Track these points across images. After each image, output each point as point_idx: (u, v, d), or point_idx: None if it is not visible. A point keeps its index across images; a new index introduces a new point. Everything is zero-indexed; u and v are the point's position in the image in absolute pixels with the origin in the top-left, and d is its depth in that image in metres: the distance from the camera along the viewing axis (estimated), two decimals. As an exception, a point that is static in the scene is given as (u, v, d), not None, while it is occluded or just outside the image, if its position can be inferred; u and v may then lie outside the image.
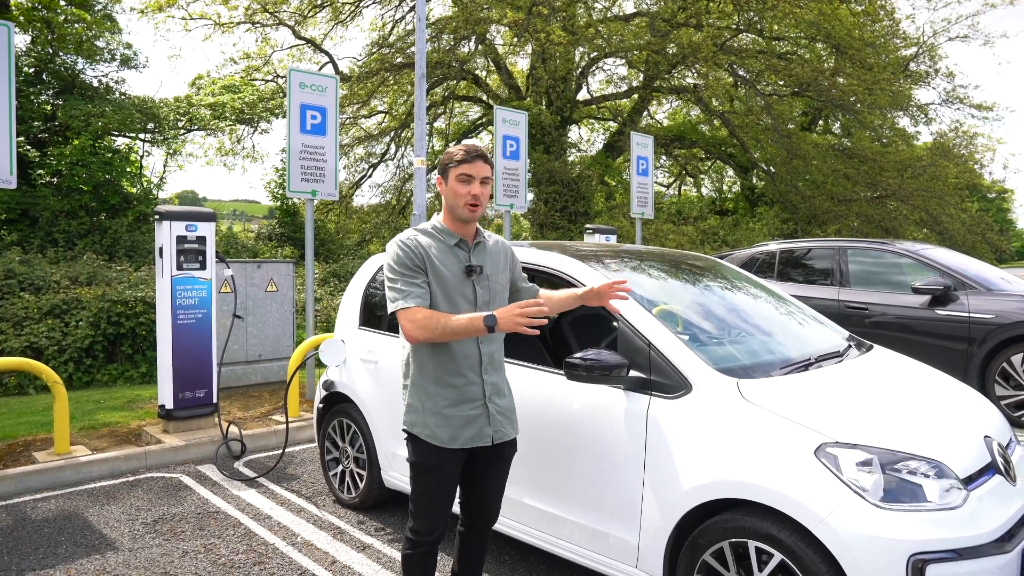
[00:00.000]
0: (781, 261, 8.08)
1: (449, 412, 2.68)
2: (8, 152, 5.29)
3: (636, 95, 21.18)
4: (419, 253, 2.66)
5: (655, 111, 25.66)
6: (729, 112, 19.34)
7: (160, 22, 19.41)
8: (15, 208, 12.78)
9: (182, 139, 17.63)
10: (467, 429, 2.70)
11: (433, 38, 19.59)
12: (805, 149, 17.36)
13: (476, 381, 2.72)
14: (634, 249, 4.22)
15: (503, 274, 2.85)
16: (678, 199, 28.75)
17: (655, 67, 18.53)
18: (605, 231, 9.39)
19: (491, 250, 2.84)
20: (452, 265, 2.70)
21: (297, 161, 6.93)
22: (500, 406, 2.78)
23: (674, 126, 22.87)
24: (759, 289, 4.11)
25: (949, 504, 2.48)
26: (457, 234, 2.74)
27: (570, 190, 18.99)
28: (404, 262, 2.65)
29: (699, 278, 3.94)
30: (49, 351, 8.97)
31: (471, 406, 2.71)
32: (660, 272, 3.82)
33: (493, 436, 2.74)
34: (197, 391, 5.96)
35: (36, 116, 13.46)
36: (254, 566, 3.76)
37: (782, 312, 3.88)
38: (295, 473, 5.30)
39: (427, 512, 2.74)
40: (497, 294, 2.80)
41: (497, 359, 2.81)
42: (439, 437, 2.68)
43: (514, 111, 8.98)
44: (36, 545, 4.03)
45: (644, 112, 21.59)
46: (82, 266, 10.71)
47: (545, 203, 20.41)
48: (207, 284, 5.97)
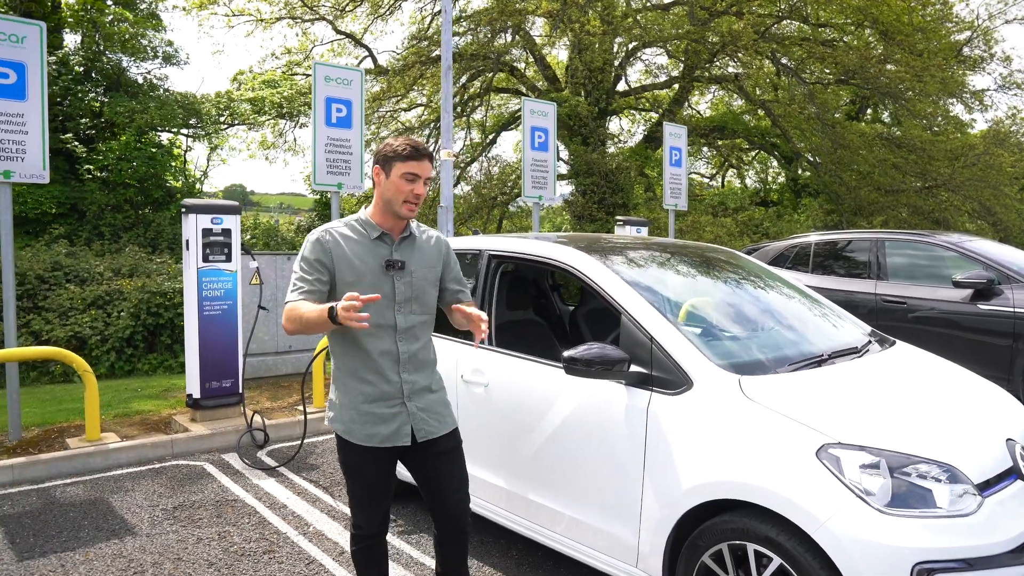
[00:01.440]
0: (817, 253, 7.85)
1: (364, 408, 2.61)
2: (41, 148, 5.44)
3: (676, 85, 20.82)
4: (328, 249, 2.59)
5: (697, 101, 25.22)
6: (772, 101, 18.88)
7: (204, 19, 19.78)
8: (64, 203, 13.19)
9: (224, 134, 17.96)
10: (383, 427, 2.61)
11: (470, 31, 19.59)
12: (850, 139, 16.82)
13: (394, 380, 2.63)
14: (646, 241, 4.12)
15: (431, 271, 2.74)
16: (721, 190, 28.22)
17: (695, 56, 18.18)
18: (636, 223, 9.25)
19: (420, 245, 2.74)
20: (369, 260, 2.61)
21: (323, 154, 6.98)
22: (423, 404, 2.68)
23: (716, 116, 22.42)
24: (776, 282, 3.98)
25: (961, 511, 2.36)
26: (381, 227, 2.65)
27: (608, 182, 18.79)
28: (308, 258, 2.60)
29: (711, 271, 3.83)
30: (92, 341, 9.25)
31: (387, 404, 2.62)
32: (670, 265, 3.72)
33: (415, 434, 2.65)
34: (223, 381, 6.06)
35: (84, 113, 13.85)
36: (264, 554, 3.81)
37: (799, 306, 3.75)
38: (316, 463, 5.35)
39: (361, 508, 2.70)
40: (420, 291, 2.70)
41: (421, 358, 2.71)
42: (354, 434, 2.62)
43: (543, 102, 8.90)
44: (60, 528, 4.15)
45: (684, 102, 21.21)
46: (125, 258, 11.01)
47: (583, 195, 20.27)
48: (232, 276, 6.06)
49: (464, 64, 19.31)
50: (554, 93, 19.41)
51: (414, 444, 2.66)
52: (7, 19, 5.39)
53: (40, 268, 9.81)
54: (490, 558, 3.76)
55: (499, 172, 22.53)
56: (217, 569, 3.64)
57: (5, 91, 5.29)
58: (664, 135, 10.10)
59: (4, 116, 5.28)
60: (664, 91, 22.05)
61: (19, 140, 5.33)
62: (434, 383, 2.76)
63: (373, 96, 20.93)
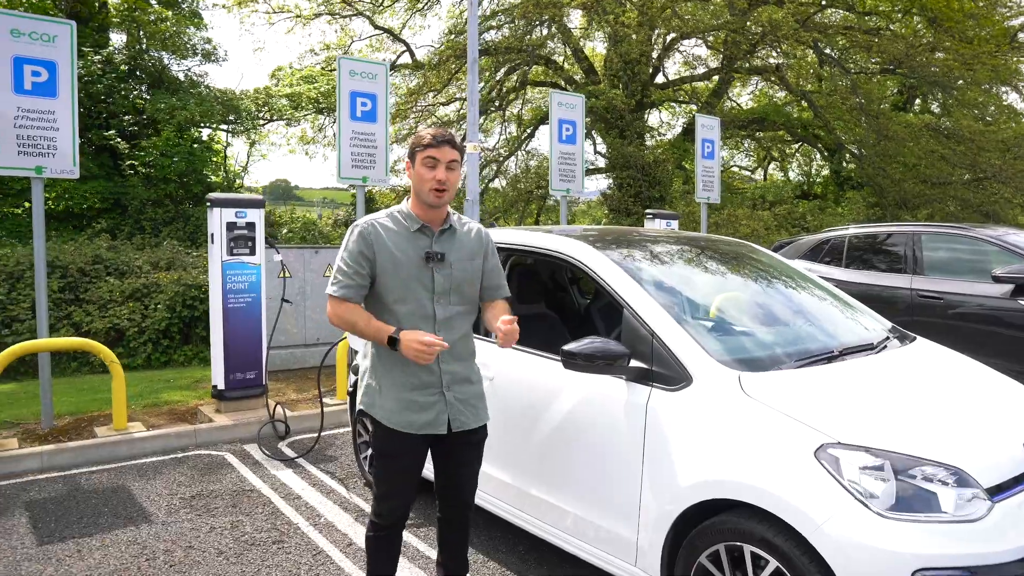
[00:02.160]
0: (850, 247, 7.63)
1: (404, 396, 2.66)
2: (71, 144, 5.57)
3: (715, 77, 20.46)
4: (370, 241, 2.63)
5: (738, 93, 24.77)
6: (814, 92, 18.41)
7: (245, 16, 20.14)
8: (108, 198, 13.55)
9: (263, 129, 18.23)
10: (422, 415, 2.65)
11: (506, 24, 19.54)
12: (894, 129, 16.30)
13: (433, 369, 2.66)
14: (657, 234, 4.04)
15: (471, 263, 2.75)
16: (763, 184, 27.69)
17: (734, 47, 17.82)
18: (667, 216, 9.11)
19: (461, 238, 2.75)
20: (410, 251, 2.64)
21: (348, 148, 7.02)
22: (461, 395, 2.72)
23: (757, 108, 21.97)
24: (793, 277, 3.86)
25: (967, 516, 2.25)
26: (421, 219, 2.69)
27: (645, 175, 18.57)
28: (351, 249, 2.65)
29: (724, 265, 3.73)
30: (130, 332, 9.49)
31: (427, 392, 2.66)
32: (680, 259, 3.63)
33: (451, 424, 2.69)
34: (248, 373, 6.15)
35: (128, 110, 14.19)
36: (273, 544, 3.85)
37: (815, 301, 3.63)
38: (334, 455, 5.40)
39: (387, 496, 2.73)
40: (461, 283, 2.71)
41: (460, 349, 2.73)
42: (392, 420, 2.66)
43: (570, 94, 8.82)
44: (81, 514, 4.26)
45: (724, 94, 20.82)
46: (163, 252, 11.27)
47: (619, 188, 20.07)
48: (256, 269, 6.14)
49: (499, 58, 19.28)
50: (591, 86, 19.26)
51: (448, 434, 2.71)
52: (39, 19, 5.54)
53: (82, 261, 10.08)
54: (496, 553, 3.74)
55: (536, 165, 22.47)
56: (226, 557, 3.69)
57: (37, 89, 5.43)
58: (696, 127, 9.92)
59: (36, 113, 5.42)
60: (703, 83, 21.70)
61: (50, 136, 5.47)
62: (473, 375, 2.80)
63: (411, 91, 21.07)
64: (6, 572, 3.56)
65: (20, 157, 5.38)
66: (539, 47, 19.25)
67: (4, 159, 5.34)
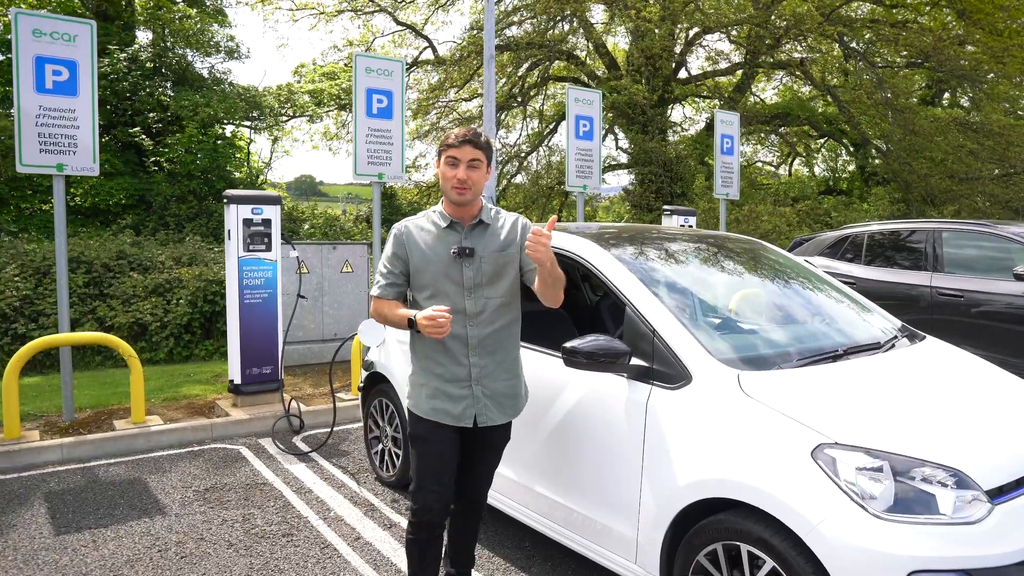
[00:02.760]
0: (869, 244, 7.52)
1: (436, 386, 2.75)
2: (91, 142, 5.68)
3: (740, 71, 20.25)
4: (402, 242, 2.78)
5: (763, 88, 24.47)
6: (838, 87, 18.15)
7: (268, 14, 20.33)
8: (133, 194, 13.78)
9: (286, 126, 18.39)
10: (451, 406, 2.74)
11: (528, 19, 19.51)
12: (920, 124, 16.02)
13: (463, 362, 2.74)
14: (662, 231, 4.01)
15: (503, 253, 2.76)
16: (788, 179, 27.36)
17: (758, 42, 17.63)
18: (684, 212, 9.05)
19: (493, 231, 2.78)
20: (438, 247, 2.74)
21: (364, 145, 7.07)
22: (490, 390, 2.77)
23: (781, 103, 21.70)
24: (801, 274, 3.82)
25: (966, 518, 2.22)
26: (451, 216, 2.77)
27: (667, 171, 18.46)
28: (388, 253, 2.82)
29: (730, 262, 3.70)
30: (153, 327, 9.65)
31: (457, 385, 2.74)
32: (684, 256, 3.62)
33: (477, 418, 2.75)
34: (264, 368, 6.23)
35: (152, 107, 14.40)
36: (282, 537, 3.90)
37: (823, 299, 3.59)
38: (347, 450, 5.45)
39: (422, 487, 2.75)
40: (492, 276, 2.75)
41: (493, 342, 2.77)
42: (422, 408, 2.77)
43: (587, 90, 8.79)
44: (98, 505, 4.35)
45: (747, 89, 20.60)
46: (186, 247, 11.43)
47: (641, 184, 19.95)
48: (272, 265, 6.21)
49: (520, 54, 19.26)
50: (613, 81, 19.16)
51: (473, 428, 2.78)
52: (60, 19, 5.64)
53: (106, 257, 10.27)
54: (502, 549, 3.76)
55: (558, 161, 22.41)
56: (236, 550, 3.75)
57: (59, 88, 5.54)
58: (715, 123, 9.84)
59: (57, 112, 5.53)
60: (726, 78, 21.49)
61: (71, 135, 5.58)
62: (506, 371, 2.82)
63: (432, 87, 21.13)
64: (24, 561, 3.65)
65: (42, 155, 5.49)
66: (560, 42, 19.18)
67: (27, 157, 5.45)
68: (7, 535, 3.95)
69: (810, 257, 7.95)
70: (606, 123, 23.86)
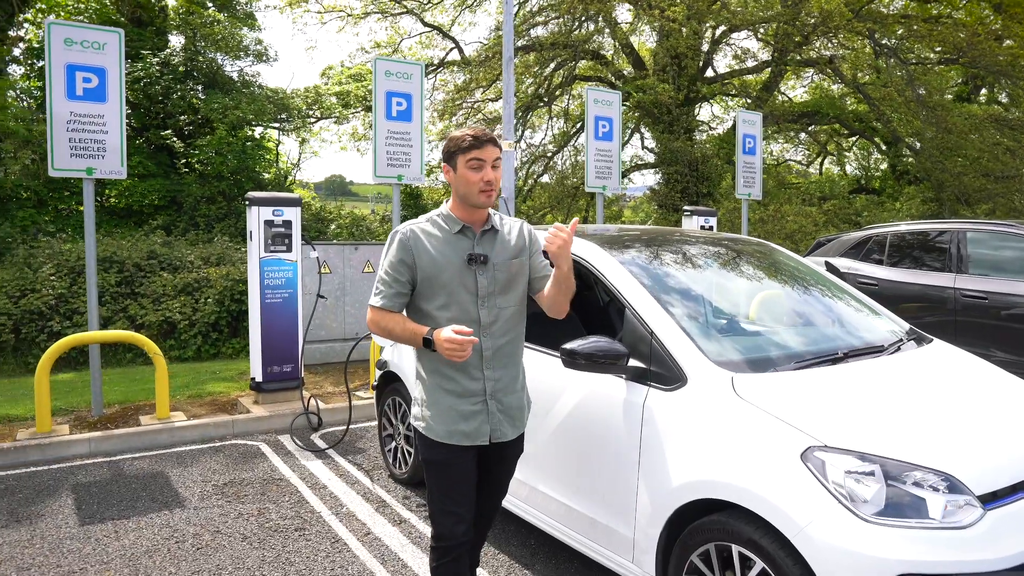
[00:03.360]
0: (892, 245, 7.43)
1: (447, 404, 2.58)
2: (119, 146, 5.85)
3: (768, 69, 20.05)
4: (409, 247, 2.55)
5: (793, 86, 24.19)
6: (868, 84, 17.87)
7: (297, 17, 20.61)
8: (165, 195, 14.11)
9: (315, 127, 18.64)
10: (464, 424, 2.57)
11: (553, 19, 19.53)
12: (953, 121, 15.71)
13: (477, 376, 2.58)
14: (673, 234, 4.03)
15: (515, 261, 2.64)
16: (818, 178, 27.00)
17: (786, 39, 17.43)
18: (704, 213, 9.02)
19: (503, 238, 2.64)
20: (450, 254, 2.55)
21: (383, 147, 7.18)
22: (504, 404, 2.63)
23: (810, 101, 21.42)
24: (807, 277, 3.82)
25: (956, 523, 2.22)
26: (462, 221, 2.59)
27: (692, 171, 18.36)
28: (392, 259, 2.58)
29: (736, 264, 3.71)
30: (182, 325, 9.89)
31: (470, 401, 2.58)
32: (691, 258, 3.64)
33: (491, 435, 2.60)
34: (284, 366, 6.37)
35: (184, 110, 14.73)
36: (295, 531, 4.00)
37: (829, 302, 3.59)
38: (363, 447, 5.56)
39: (443, 511, 2.60)
40: (505, 284, 2.61)
41: (506, 353, 2.63)
42: (435, 431, 2.58)
43: (606, 91, 8.80)
44: (121, 498, 4.50)
45: (775, 88, 20.38)
46: (214, 247, 11.67)
47: (666, 184, 19.86)
48: (293, 266, 6.34)
49: (544, 54, 19.28)
50: (639, 80, 19.10)
51: (488, 444, 2.63)
52: (89, 28, 5.83)
53: (138, 257, 10.55)
54: (508, 547, 3.82)
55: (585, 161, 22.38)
56: (249, 543, 3.86)
57: (88, 94, 5.73)
58: (737, 123, 9.78)
59: (87, 117, 5.71)
60: (755, 76, 21.28)
61: (100, 139, 5.76)
62: (518, 382, 2.71)
63: (458, 87, 21.25)
64: (51, 549, 3.80)
65: (72, 159, 5.68)
66: (585, 42, 19.17)
67: (58, 161, 5.65)
68: (35, 524, 4.11)
69: (832, 258, 7.88)
70: (632, 122, 23.82)
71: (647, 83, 18.20)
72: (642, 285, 3.09)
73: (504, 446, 2.69)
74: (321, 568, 3.59)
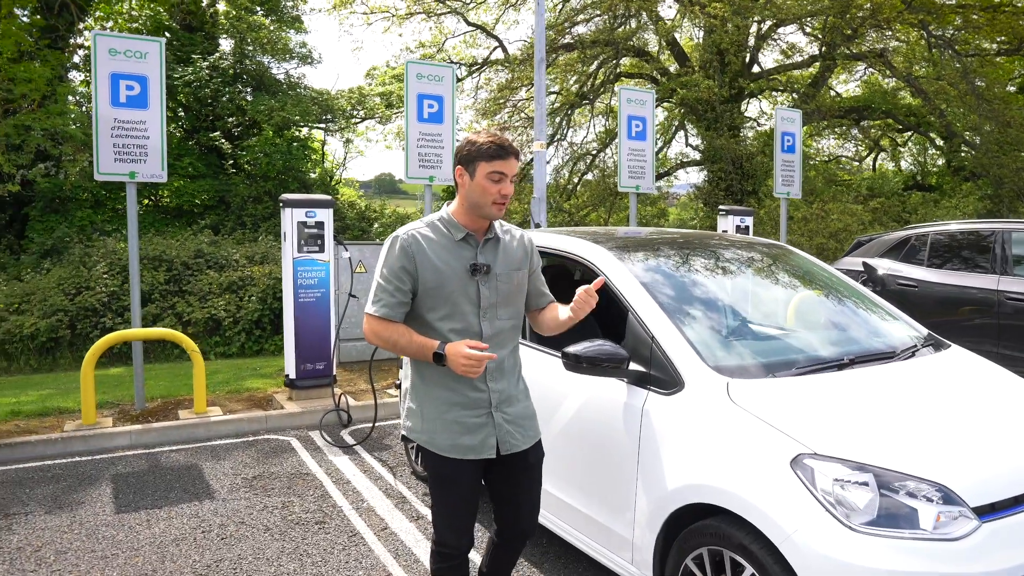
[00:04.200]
0: (933, 245, 7.22)
1: (450, 417, 2.49)
2: (160, 151, 6.09)
3: (816, 64, 19.60)
4: (411, 254, 2.44)
5: (844, 80, 23.59)
6: (920, 77, 17.31)
7: (344, 18, 20.99)
8: (214, 195, 14.57)
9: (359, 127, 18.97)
10: (468, 437, 2.49)
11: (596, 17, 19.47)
12: (1013, 115, 15.11)
13: (481, 388, 2.50)
14: (673, 235, 4.02)
15: (517, 273, 2.58)
16: (870, 175, 26.25)
17: (834, 33, 17.02)
18: (740, 212, 8.90)
19: (505, 247, 2.57)
20: (454, 263, 2.46)
21: (415, 149, 7.29)
22: (510, 415, 2.55)
23: (861, 96, 20.86)
24: (825, 282, 3.77)
25: (947, 534, 2.19)
26: (465, 228, 2.49)
27: (737, 168, 18.09)
28: (392, 266, 2.45)
29: (749, 268, 3.69)
30: (226, 322, 10.23)
31: (474, 413, 2.50)
32: (703, 262, 3.63)
33: (499, 447, 2.52)
34: (317, 363, 6.54)
35: (232, 112, 15.18)
36: (315, 524, 4.14)
37: (843, 307, 3.54)
38: (390, 444, 5.68)
39: (447, 524, 2.56)
40: (507, 296, 2.54)
41: (508, 364, 2.58)
42: (438, 445, 2.50)
43: (639, 90, 8.76)
44: (156, 488, 4.71)
45: (823, 83, 19.89)
46: (259, 246, 12.02)
47: (709, 182, 19.60)
48: (325, 266, 6.51)
49: (586, 52, 19.23)
50: (684, 76, 18.89)
51: (498, 457, 2.55)
52: (131, 38, 6.09)
53: (186, 255, 10.93)
54: (520, 545, 3.87)
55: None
56: (271, 534, 4.01)
57: (131, 101, 5.98)
58: (775, 120, 9.62)
59: (130, 123, 5.97)
60: (803, 71, 20.83)
61: (142, 144, 6.01)
62: (521, 392, 2.65)
63: (501, 86, 21.35)
64: (87, 535, 4.01)
65: (116, 164, 5.94)
66: (627, 39, 19.03)
67: (103, 166, 5.91)
68: (75, 511, 4.34)
69: (871, 259, 7.70)
70: (677, 119, 23.55)
71: (691, 80, 17.99)
72: (646, 290, 3.11)
73: (523, 456, 2.60)
74: (336, 560, 3.71)
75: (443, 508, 2.56)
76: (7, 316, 9.60)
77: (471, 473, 2.53)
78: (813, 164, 23.29)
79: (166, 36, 15.55)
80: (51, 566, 3.67)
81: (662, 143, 26.14)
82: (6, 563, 3.71)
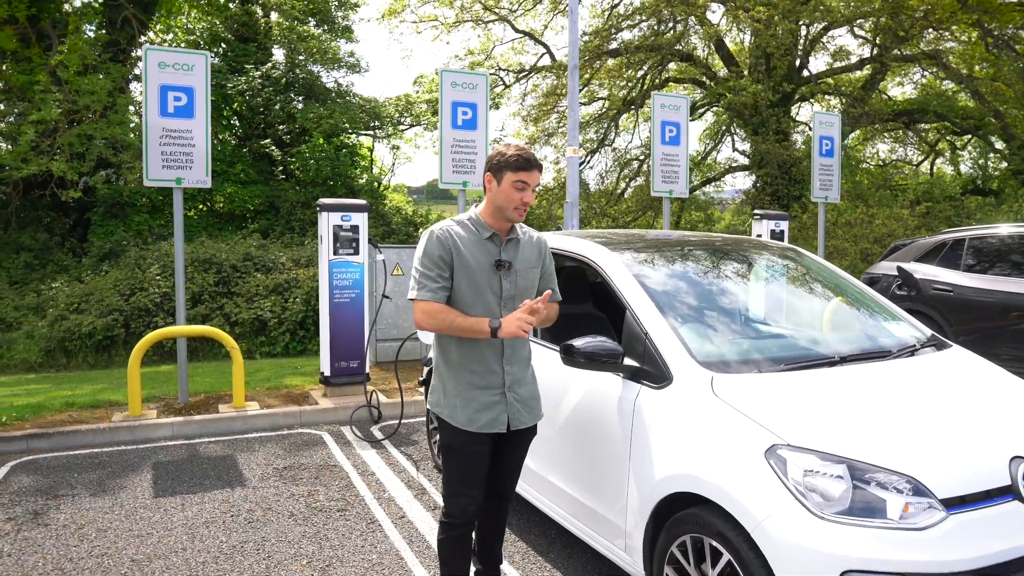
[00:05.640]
0: (970, 249, 7.08)
1: (469, 395, 2.81)
2: (205, 158, 6.44)
3: (868, 66, 19.20)
4: (448, 246, 2.75)
5: (899, 82, 23.03)
6: (976, 79, 16.81)
7: (394, 27, 21.47)
8: (265, 200, 15.09)
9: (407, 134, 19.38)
10: (484, 414, 2.80)
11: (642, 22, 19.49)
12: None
13: (497, 370, 2.82)
14: (675, 236, 4.10)
15: (532, 271, 2.90)
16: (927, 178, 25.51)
17: (887, 35, 16.67)
18: (775, 217, 8.84)
19: (523, 246, 2.89)
20: (482, 257, 2.78)
21: (449, 154, 7.50)
22: (520, 395, 2.88)
23: (915, 98, 20.33)
24: (832, 283, 3.80)
25: (912, 524, 2.25)
26: (492, 228, 2.81)
27: (784, 173, 17.85)
28: (432, 254, 2.76)
29: (753, 268, 3.76)
30: (272, 323, 10.61)
31: (490, 393, 2.81)
32: (699, 262, 3.71)
33: (509, 423, 2.84)
34: (351, 362, 6.79)
35: (283, 120, 15.71)
36: (337, 512, 4.35)
37: (843, 306, 3.58)
38: (416, 439, 5.88)
39: (456, 492, 2.85)
40: (524, 290, 2.85)
41: (521, 352, 2.91)
42: (457, 418, 2.81)
43: (673, 96, 8.81)
44: (193, 475, 5.00)
45: (875, 86, 19.47)
46: (304, 250, 12.42)
47: (755, 187, 19.38)
48: (359, 267, 6.76)
49: (630, 57, 19.24)
50: (732, 81, 18.75)
51: (506, 432, 2.86)
52: (179, 51, 6.45)
53: (235, 258, 11.38)
54: (528, 535, 4.01)
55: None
56: (295, 520, 4.23)
57: (178, 111, 6.34)
58: (814, 124, 9.54)
59: (177, 132, 6.33)
60: (855, 74, 20.41)
61: (187, 152, 6.36)
62: (529, 376, 2.96)
63: (548, 91, 21.50)
64: (126, 516, 4.30)
65: (164, 170, 6.30)
66: (673, 45, 18.99)
67: (152, 172, 6.28)
68: (117, 494, 4.65)
69: (907, 263, 7.59)
70: (724, 124, 23.33)
71: (737, 84, 17.84)
72: (643, 287, 3.22)
73: (521, 433, 2.95)
74: (353, 545, 3.90)
75: (456, 477, 2.88)
76: (68, 315, 10.18)
77: (481, 445, 2.84)
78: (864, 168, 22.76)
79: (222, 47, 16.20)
80: (92, 541, 3.96)
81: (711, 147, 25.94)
82: (52, 538, 4.02)
